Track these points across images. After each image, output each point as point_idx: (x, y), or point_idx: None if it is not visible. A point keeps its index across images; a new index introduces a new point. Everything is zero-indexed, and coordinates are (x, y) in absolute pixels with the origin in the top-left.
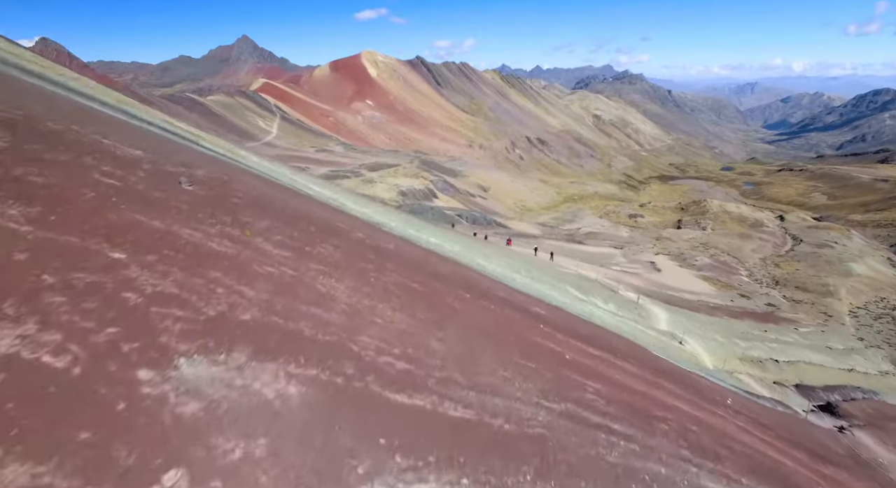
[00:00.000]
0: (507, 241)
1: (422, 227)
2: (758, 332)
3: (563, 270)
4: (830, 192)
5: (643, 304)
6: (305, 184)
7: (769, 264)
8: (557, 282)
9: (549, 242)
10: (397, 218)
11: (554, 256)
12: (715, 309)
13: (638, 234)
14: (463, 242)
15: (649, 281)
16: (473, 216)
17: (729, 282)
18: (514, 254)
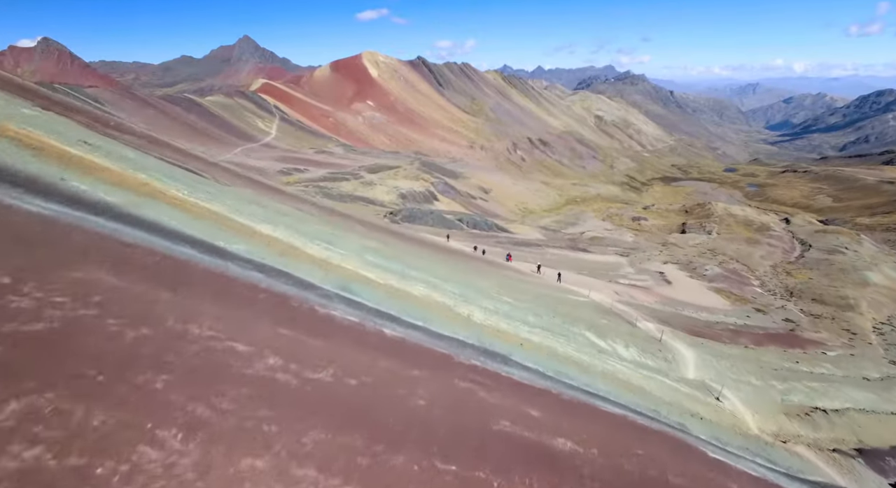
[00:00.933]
0: (506, 257)
1: (392, 259)
2: (788, 364)
3: (574, 298)
4: (835, 194)
5: (666, 341)
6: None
7: (780, 272)
8: (571, 325)
9: (553, 251)
10: (353, 246)
11: (561, 277)
12: (736, 333)
13: (643, 240)
14: (452, 283)
15: (662, 296)
16: (474, 220)
17: (742, 294)
18: (516, 286)
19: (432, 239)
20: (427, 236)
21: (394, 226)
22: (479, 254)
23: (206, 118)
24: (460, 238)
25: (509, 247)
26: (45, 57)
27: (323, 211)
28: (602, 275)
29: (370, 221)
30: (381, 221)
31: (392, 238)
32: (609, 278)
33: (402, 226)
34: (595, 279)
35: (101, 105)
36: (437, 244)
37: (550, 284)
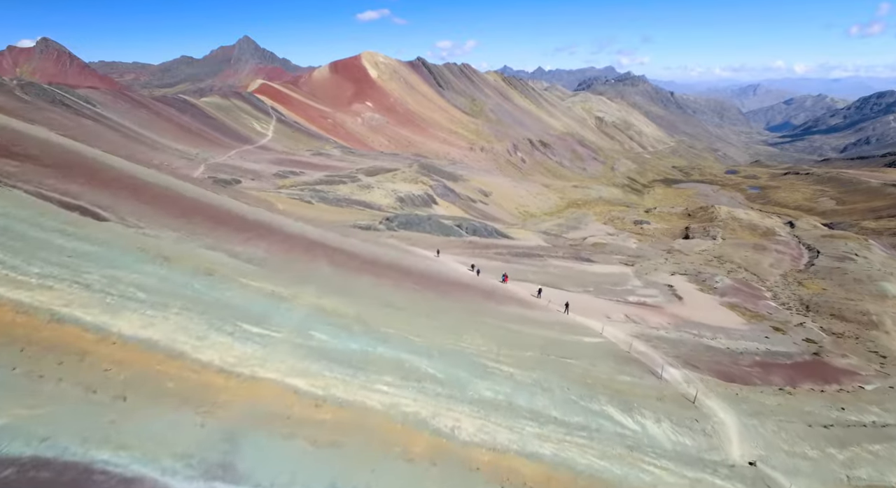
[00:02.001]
0: (502, 278)
1: (353, 330)
2: (835, 413)
3: (588, 341)
4: (839, 197)
5: (700, 400)
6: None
7: (791, 282)
8: (590, 398)
9: (556, 264)
10: (298, 316)
11: (569, 307)
12: (765, 367)
13: (647, 246)
14: (435, 359)
15: (675, 317)
16: (473, 226)
17: (757, 309)
18: (518, 337)
19: (422, 259)
20: (418, 251)
21: (376, 247)
22: (473, 275)
23: (201, 119)
24: (456, 249)
25: (509, 258)
26: (45, 57)
27: (276, 245)
28: (609, 291)
29: (346, 248)
30: (358, 245)
31: (365, 276)
32: (617, 296)
33: (398, 233)
34: (603, 299)
35: (92, 106)
36: (425, 272)
37: (558, 321)
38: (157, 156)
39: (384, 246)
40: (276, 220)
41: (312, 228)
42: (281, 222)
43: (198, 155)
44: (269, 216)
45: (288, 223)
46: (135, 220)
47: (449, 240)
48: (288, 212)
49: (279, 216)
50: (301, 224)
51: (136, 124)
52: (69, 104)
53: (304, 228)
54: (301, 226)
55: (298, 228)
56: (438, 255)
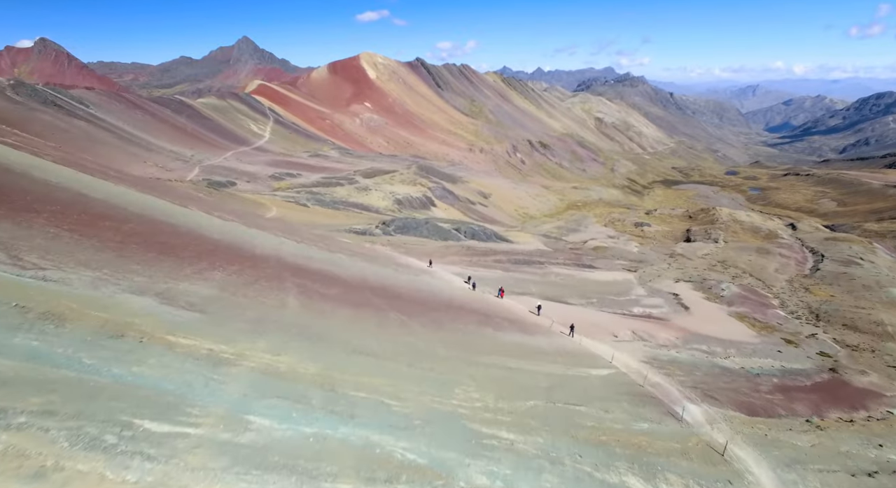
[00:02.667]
0: (498, 292)
1: (311, 399)
2: (874, 452)
3: (596, 374)
4: (840, 199)
5: (731, 453)
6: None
7: (798, 288)
8: (607, 466)
9: (557, 271)
10: (236, 391)
11: (574, 330)
12: (786, 393)
13: (649, 250)
14: (416, 432)
15: (684, 331)
16: (472, 230)
17: (766, 319)
18: (519, 379)
19: (413, 275)
20: (412, 263)
21: (365, 263)
22: (468, 290)
23: (197, 121)
24: (453, 256)
25: (509, 266)
26: (43, 57)
27: (236, 276)
28: (613, 302)
29: (326, 269)
30: (344, 262)
31: (342, 309)
32: (621, 307)
33: (395, 237)
34: (608, 313)
35: (86, 107)
36: (415, 293)
37: (562, 349)
38: (152, 157)
39: (374, 260)
40: (248, 238)
41: (293, 244)
42: (254, 240)
43: (193, 156)
44: (242, 231)
45: (263, 240)
46: (36, 259)
47: (447, 246)
48: (275, 219)
49: (255, 230)
50: (280, 240)
51: (131, 125)
52: (62, 105)
53: (280, 246)
54: (279, 242)
55: (273, 246)
56: (431, 265)
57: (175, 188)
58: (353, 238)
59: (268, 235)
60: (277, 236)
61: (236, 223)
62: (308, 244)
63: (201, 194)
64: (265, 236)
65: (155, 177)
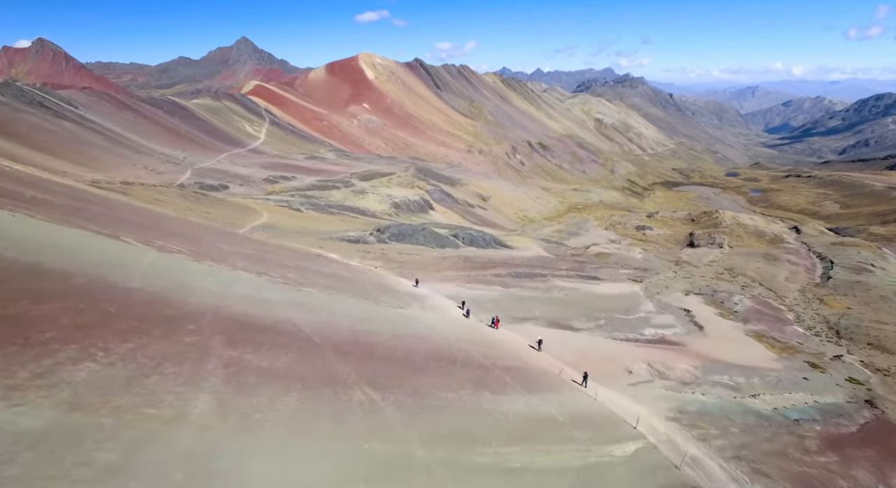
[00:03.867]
0: (493, 322)
1: None
2: None
3: (618, 456)
4: (842, 201)
5: None
6: None
7: (811, 299)
8: None
9: (561, 285)
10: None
11: (588, 379)
12: (844, 459)
13: (653, 257)
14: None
15: (702, 357)
16: (471, 236)
17: (785, 338)
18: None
19: (396, 313)
20: (399, 288)
21: (336, 303)
22: (461, 325)
23: (191, 122)
24: (449, 271)
25: (509, 281)
26: (40, 58)
27: (121, 361)
28: (622, 322)
29: (280, 319)
30: (310, 301)
31: (288, 395)
32: (632, 329)
33: (389, 245)
34: (619, 341)
35: (75, 108)
36: (396, 344)
37: (576, 413)
38: (142, 160)
39: (354, 288)
40: (186, 280)
41: (250, 282)
42: (193, 283)
43: (185, 159)
44: (182, 270)
45: (208, 280)
46: None
47: (443, 256)
48: (247, 237)
49: (205, 264)
50: (235, 275)
51: (121, 127)
52: (49, 106)
53: (229, 288)
54: (230, 280)
55: (218, 290)
56: (417, 286)
57: (127, 199)
58: (345, 247)
59: (220, 270)
60: (234, 269)
61: (182, 256)
62: (273, 277)
63: (167, 208)
64: (215, 273)
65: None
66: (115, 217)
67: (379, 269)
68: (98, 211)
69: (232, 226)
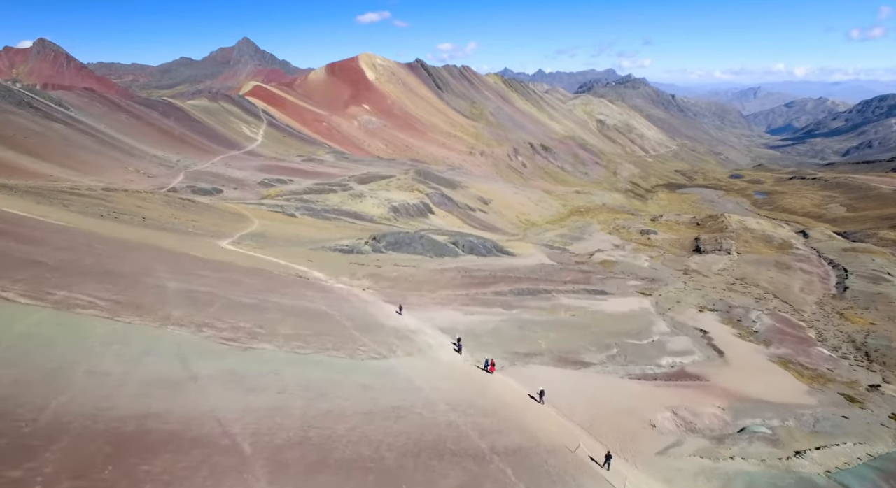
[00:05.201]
0: (486, 364)
1: None
2: None
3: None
4: (849, 204)
5: None
6: None
7: (831, 313)
8: None
9: (567, 302)
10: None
11: (611, 461)
12: None
13: (660, 265)
14: None
15: (728, 395)
16: (471, 243)
17: (813, 364)
18: None
19: (372, 379)
20: (383, 320)
21: (290, 366)
22: (451, 362)
23: (186, 124)
24: (445, 290)
25: (511, 300)
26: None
27: None
28: (636, 350)
29: (176, 435)
30: (259, 378)
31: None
32: (647, 359)
33: (385, 255)
34: (635, 380)
35: (65, 109)
36: (355, 453)
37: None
38: (134, 163)
39: (322, 340)
40: (69, 352)
41: (179, 342)
42: (74, 367)
43: (179, 161)
44: (70, 345)
45: (105, 356)
46: None
47: (441, 269)
48: (205, 258)
49: (119, 323)
50: (152, 342)
51: (114, 128)
52: (38, 107)
53: (128, 373)
54: (151, 341)
55: (119, 370)
56: (401, 312)
57: (65, 223)
58: (337, 259)
59: (140, 330)
60: (164, 325)
61: (89, 313)
62: (218, 329)
63: (151, 214)
64: (128, 337)
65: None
66: (20, 254)
67: (367, 292)
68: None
69: (217, 236)
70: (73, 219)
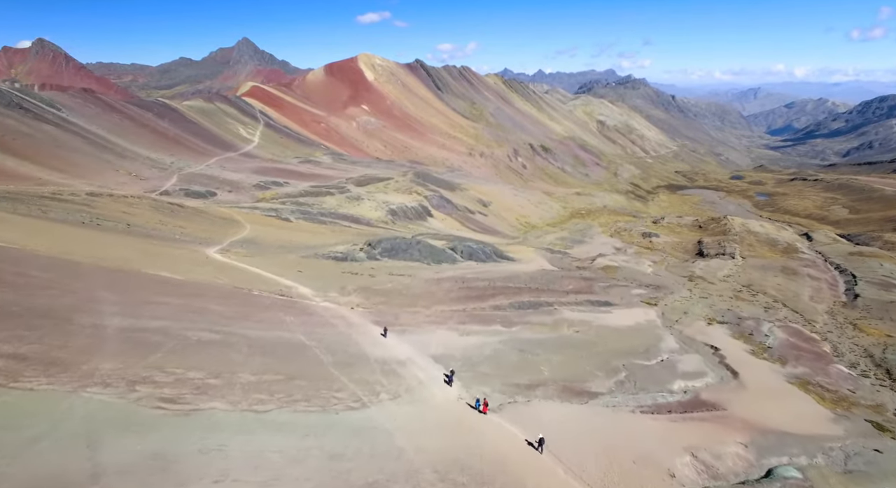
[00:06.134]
0: (478, 404)
1: None
2: None
3: None
4: (852, 206)
5: None
6: None
7: (843, 323)
8: None
9: (570, 316)
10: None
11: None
12: None
13: (663, 270)
14: None
15: (749, 428)
16: (469, 249)
17: (833, 384)
18: None
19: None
20: (364, 346)
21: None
22: (442, 420)
23: (181, 125)
24: (440, 305)
25: (511, 315)
26: (40, 58)
27: None
28: (645, 373)
29: None
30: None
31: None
32: (659, 385)
33: (380, 262)
34: (648, 414)
35: (57, 110)
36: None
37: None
38: (126, 165)
39: (301, 374)
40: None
41: (92, 416)
42: None
43: (173, 164)
44: None
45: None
46: None
47: (438, 278)
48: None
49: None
50: (66, 407)
51: (106, 130)
52: (29, 108)
53: (16, 461)
54: (50, 423)
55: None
56: (386, 335)
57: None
58: (329, 268)
59: (40, 404)
60: (75, 390)
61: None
62: (156, 385)
63: (137, 220)
64: (14, 422)
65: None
66: None
67: (357, 310)
68: None
69: (205, 244)
70: (32, 233)
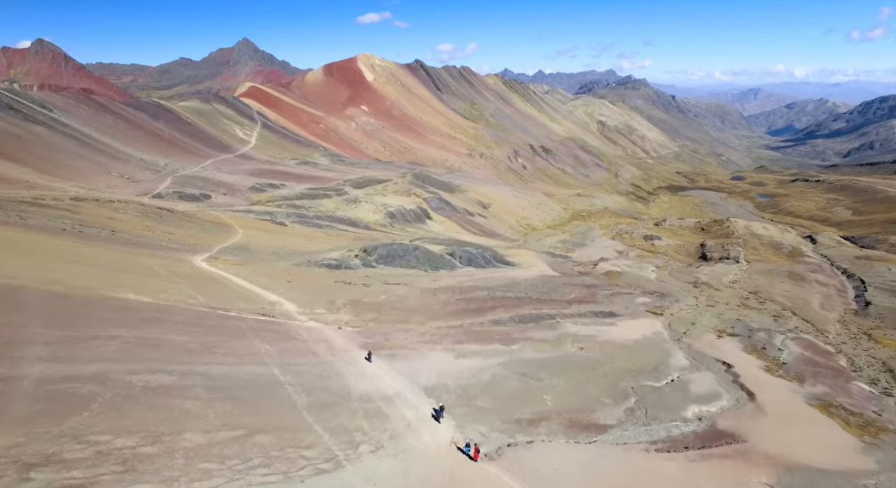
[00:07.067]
0: (468, 448)
1: None
2: None
3: None
4: (854, 207)
5: None
6: None
7: (857, 334)
8: None
9: (574, 331)
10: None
11: None
12: None
13: (667, 275)
14: None
15: (775, 466)
16: (469, 255)
17: (856, 406)
18: None
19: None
20: (347, 379)
21: None
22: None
23: (176, 126)
24: (435, 321)
25: (511, 328)
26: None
27: None
28: (655, 397)
29: None
30: None
31: None
32: (671, 413)
33: (376, 269)
34: (662, 453)
35: (48, 111)
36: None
37: None
38: (118, 167)
39: (266, 429)
40: None
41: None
42: None
43: (167, 166)
44: None
45: None
46: None
47: (434, 288)
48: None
49: None
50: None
51: (99, 131)
52: (19, 108)
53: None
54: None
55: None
56: (370, 360)
57: None
58: (321, 278)
59: None
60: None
61: None
62: (62, 469)
63: (122, 227)
64: None
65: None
66: None
67: (344, 330)
68: None
69: (193, 251)
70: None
